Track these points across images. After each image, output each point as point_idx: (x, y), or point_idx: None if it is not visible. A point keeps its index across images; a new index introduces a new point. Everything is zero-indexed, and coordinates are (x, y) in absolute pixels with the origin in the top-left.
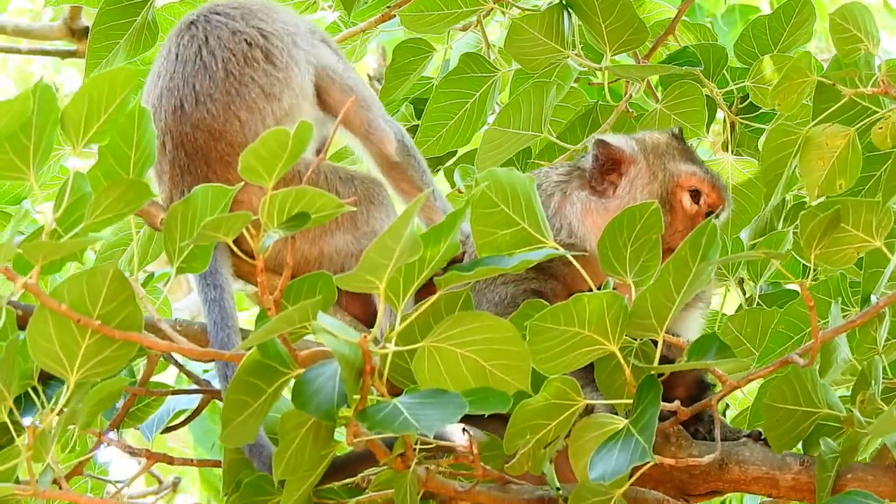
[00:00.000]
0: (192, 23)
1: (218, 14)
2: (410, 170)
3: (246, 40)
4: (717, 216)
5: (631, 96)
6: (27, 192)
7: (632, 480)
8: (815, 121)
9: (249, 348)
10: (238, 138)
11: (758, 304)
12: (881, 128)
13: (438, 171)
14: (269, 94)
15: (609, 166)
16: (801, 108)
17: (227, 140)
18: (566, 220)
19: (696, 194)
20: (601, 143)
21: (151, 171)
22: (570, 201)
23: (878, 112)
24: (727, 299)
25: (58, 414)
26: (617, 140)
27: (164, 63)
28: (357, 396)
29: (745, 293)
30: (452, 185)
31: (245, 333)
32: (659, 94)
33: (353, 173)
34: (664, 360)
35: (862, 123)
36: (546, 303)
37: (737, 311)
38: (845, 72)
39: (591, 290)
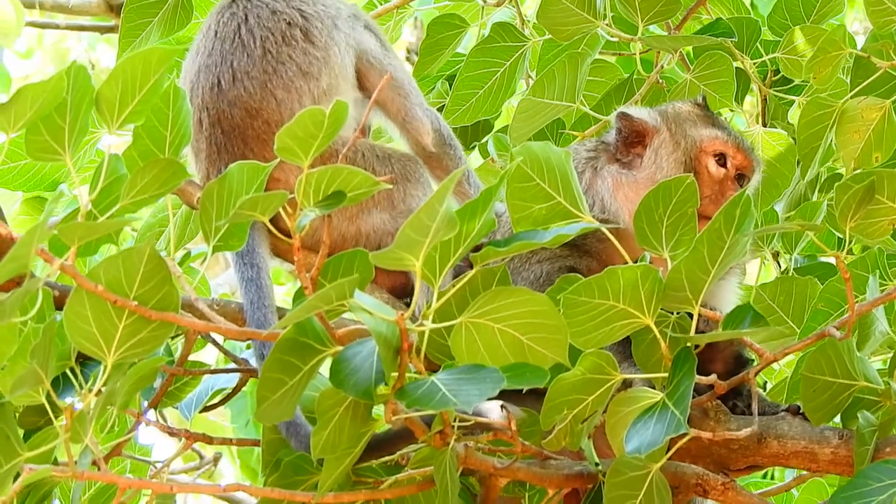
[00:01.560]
0: (232, 1)
1: None
2: (447, 159)
3: (286, 20)
4: (748, 179)
5: (662, 67)
6: (64, 175)
7: (669, 454)
8: (851, 93)
9: (286, 327)
10: (275, 116)
11: (794, 276)
12: None
13: (474, 146)
14: (306, 73)
15: (633, 138)
16: (835, 81)
17: (264, 118)
18: (598, 195)
19: (721, 158)
20: (624, 116)
21: (188, 148)
22: (601, 177)
23: None
24: (762, 272)
25: (96, 395)
26: (639, 112)
27: (204, 40)
28: (395, 374)
29: (780, 266)
30: (486, 156)
31: (282, 312)
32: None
33: (391, 151)
34: (700, 333)
35: None
36: (580, 276)
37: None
38: (881, 44)
39: (630, 261)
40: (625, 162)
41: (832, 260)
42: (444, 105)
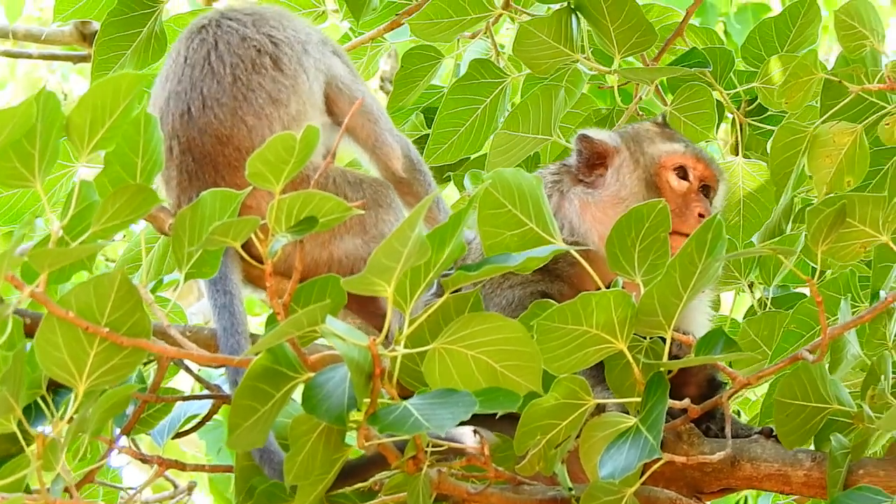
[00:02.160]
0: (202, 27)
1: (230, 19)
2: (416, 185)
3: (255, 47)
4: (714, 191)
5: (641, 99)
6: (39, 210)
7: (643, 479)
8: (822, 118)
9: (258, 353)
10: (245, 143)
11: (769, 307)
12: (888, 123)
13: (448, 178)
14: (276, 100)
15: (595, 160)
16: (808, 108)
17: (235, 145)
18: (567, 218)
19: (681, 171)
20: (584, 138)
21: (159, 176)
22: (568, 199)
23: (884, 107)
24: (738, 302)
25: (68, 422)
26: (598, 134)
27: (173, 66)
28: (367, 400)
29: (755, 296)
30: (462, 190)
31: (255, 339)
32: (667, 98)
33: (362, 177)
34: (674, 358)
35: (868, 119)
36: (554, 302)
37: (748, 314)
38: (851, 68)
39: (598, 289)
40: (588, 182)
41: (808, 290)
42: (419, 137)
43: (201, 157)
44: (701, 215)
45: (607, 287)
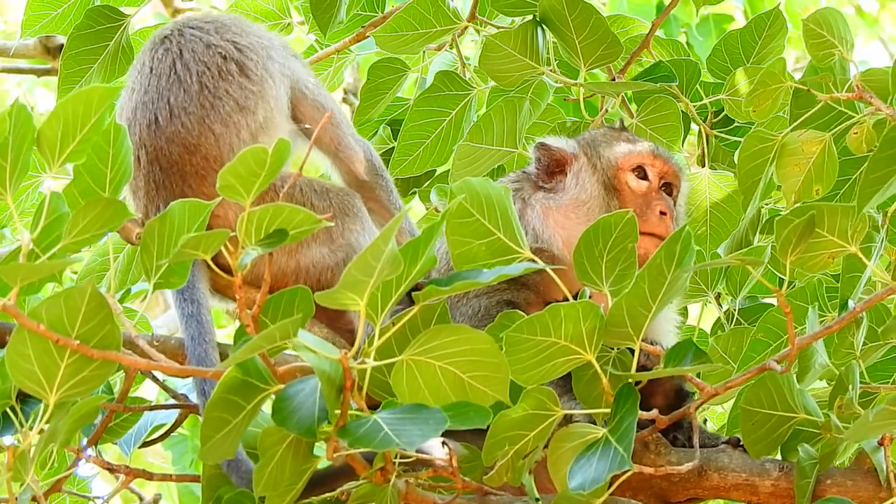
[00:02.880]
0: (165, 37)
1: (192, 28)
2: (378, 189)
3: (220, 53)
4: (676, 188)
5: (607, 111)
6: (6, 219)
7: (611, 490)
8: (791, 127)
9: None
10: (213, 151)
11: (736, 319)
12: (856, 132)
13: (414, 192)
14: (243, 108)
15: (554, 167)
16: (776, 118)
17: (202, 154)
18: (530, 224)
19: (640, 171)
20: (542, 146)
21: (126, 186)
22: (530, 205)
23: (853, 117)
24: (704, 313)
25: (38, 433)
26: (556, 141)
27: (139, 77)
28: (338, 412)
29: (722, 308)
30: (428, 204)
31: (222, 348)
32: (633, 109)
33: (328, 186)
34: (642, 368)
35: (837, 129)
36: (521, 313)
37: (715, 327)
38: (820, 77)
39: (565, 298)
40: (549, 188)
41: (775, 301)
42: (387, 150)
43: (168, 167)
44: (663, 213)
45: (574, 295)
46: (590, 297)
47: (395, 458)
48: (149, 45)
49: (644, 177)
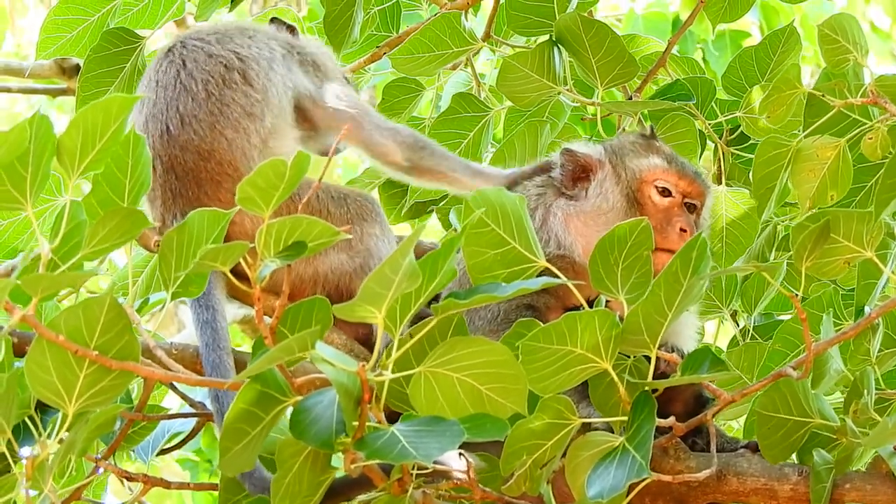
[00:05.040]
0: (169, 50)
1: (194, 39)
2: (425, 161)
3: (223, 62)
4: (700, 207)
5: (624, 130)
6: (24, 229)
7: (630, 497)
8: (805, 133)
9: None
10: (227, 156)
11: (752, 335)
12: (871, 138)
13: (431, 211)
14: (250, 114)
15: (579, 173)
16: (790, 123)
17: (217, 159)
18: (552, 231)
19: (663, 186)
20: (568, 152)
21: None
22: (552, 212)
23: (867, 123)
24: (720, 332)
25: (58, 442)
26: (583, 147)
27: (147, 92)
28: (355, 424)
29: (738, 325)
30: (447, 226)
31: (237, 355)
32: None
33: (346, 192)
34: (659, 375)
35: (852, 135)
36: (538, 322)
37: (731, 343)
38: (834, 83)
39: (583, 306)
40: (572, 195)
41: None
42: None
43: (184, 175)
44: (683, 230)
45: (591, 300)
46: (607, 305)
47: (413, 469)
48: (154, 62)
49: (667, 193)
